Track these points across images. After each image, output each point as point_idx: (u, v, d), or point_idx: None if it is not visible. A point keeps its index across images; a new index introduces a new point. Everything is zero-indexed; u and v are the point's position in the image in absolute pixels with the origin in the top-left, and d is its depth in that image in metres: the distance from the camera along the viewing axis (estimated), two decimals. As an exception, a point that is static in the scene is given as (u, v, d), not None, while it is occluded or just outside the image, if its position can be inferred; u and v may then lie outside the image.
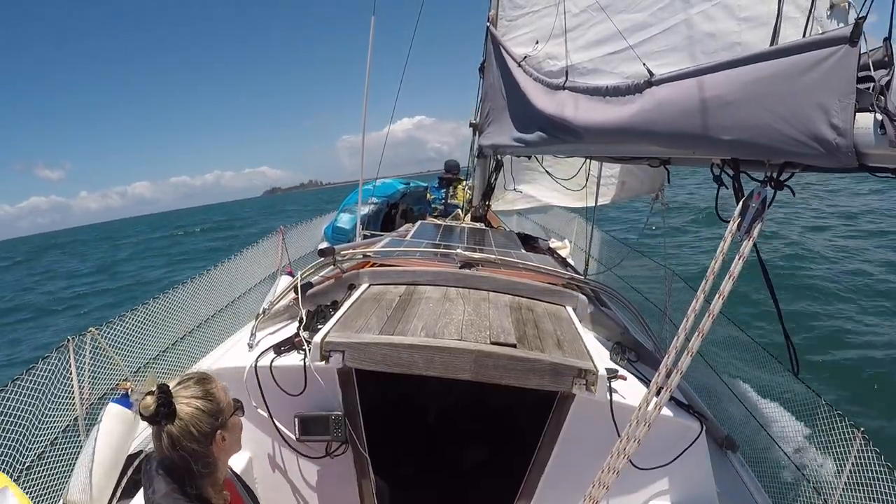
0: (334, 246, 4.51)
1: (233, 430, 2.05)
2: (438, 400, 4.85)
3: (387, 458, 3.40)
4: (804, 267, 15.61)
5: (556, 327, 3.42)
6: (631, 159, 4.12)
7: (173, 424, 1.87)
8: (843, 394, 8.75)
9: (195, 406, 1.91)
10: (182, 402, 1.89)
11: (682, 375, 2.38)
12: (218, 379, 3.07)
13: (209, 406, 1.94)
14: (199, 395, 1.94)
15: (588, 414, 2.93)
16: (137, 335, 4.66)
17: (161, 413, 1.84)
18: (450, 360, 2.84)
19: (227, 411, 2.02)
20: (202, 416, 1.91)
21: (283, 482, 3.20)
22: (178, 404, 1.88)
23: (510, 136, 5.15)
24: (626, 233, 11.86)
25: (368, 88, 7.33)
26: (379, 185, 10.52)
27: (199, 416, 1.90)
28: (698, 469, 3.02)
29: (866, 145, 1.79)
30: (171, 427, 1.87)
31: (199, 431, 1.89)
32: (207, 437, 1.92)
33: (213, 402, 1.96)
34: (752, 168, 2.41)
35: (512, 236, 7.03)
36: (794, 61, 1.94)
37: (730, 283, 2.27)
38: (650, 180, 7.84)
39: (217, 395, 1.99)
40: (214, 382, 2.03)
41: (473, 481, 4.25)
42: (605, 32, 4.07)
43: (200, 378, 2.01)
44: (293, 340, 3.16)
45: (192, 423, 1.88)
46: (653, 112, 2.69)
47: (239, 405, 2.12)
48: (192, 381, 1.98)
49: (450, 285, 3.95)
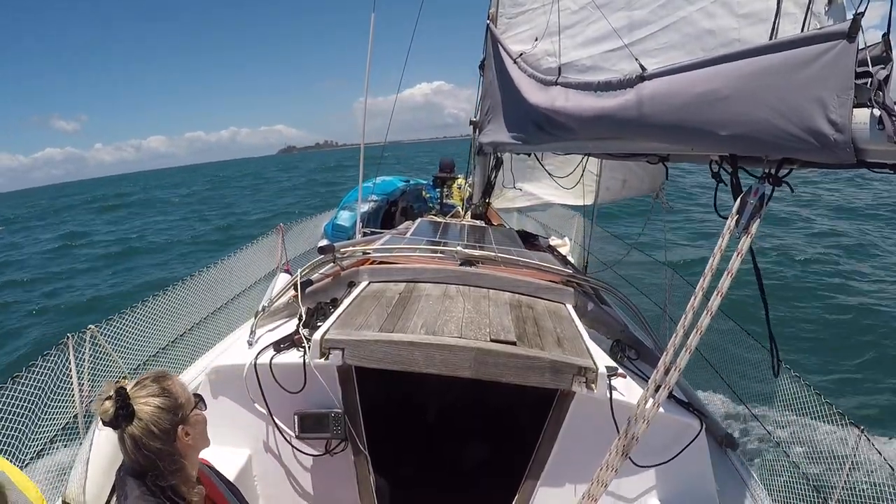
0: (334, 243, 4.51)
1: (195, 424, 2.04)
2: (438, 398, 4.85)
3: (386, 455, 3.40)
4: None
5: (555, 325, 3.41)
6: (629, 156, 4.11)
7: (134, 425, 1.87)
8: (843, 391, 8.77)
9: (153, 405, 1.91)
10: (140, 403, 1.90)
11: (680, 373, 2.38)
12: (217, 376, 3.09)
13: (167, 402, 1.94)
14: (156, 392, 1.94)
15: (588, 412, 2.93)
16: (137, 333, 4.67)
17: (120, 416, 1.85)
18: (450, 358, 2.84)
19: (186, 406, 2.01)
20: (161, 413, 1.91)
21: (282, 480, 3.20)
22: (137, 405, 1.89)
23: (509, 133, 5.15)
24: (626, 231, 11.84)
25: (368, 84, 7.34)
26: (379, 182, 10.52)
27: (157, 413, 1.90)
28: (698, 467, 3.02)
29: (864, 141, 1.79)
30: (132, 428, 1.87)
31: (159, 429, 1.90)
32: (169, 434, 1.92)
33: (171, 398, 1.96)
34: (751, 164, 2.41)
35: (512, 234, 7.03)
36: (792, 56, 1.93)
37: (728, 280, 2.27)
38: (650, 178, 7.84)
39: (174, 392, 1.99)
40: (171, 379, 2.04)
41: (473, 479, 4.25)
42: (605, 30, 4.06)
43: (157, 376, 2.01)
44: (293, 338, 3.16)
45: (152, 421, 1.89)
46: (646, 106, 2.69)
47: (199, 399, 2.12)
48: (148, 379, 1.98)
49: (450, 283, 3.95)
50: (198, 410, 2.08)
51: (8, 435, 3.31)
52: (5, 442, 3.29)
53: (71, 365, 3.74)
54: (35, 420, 3.48)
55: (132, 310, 4.68)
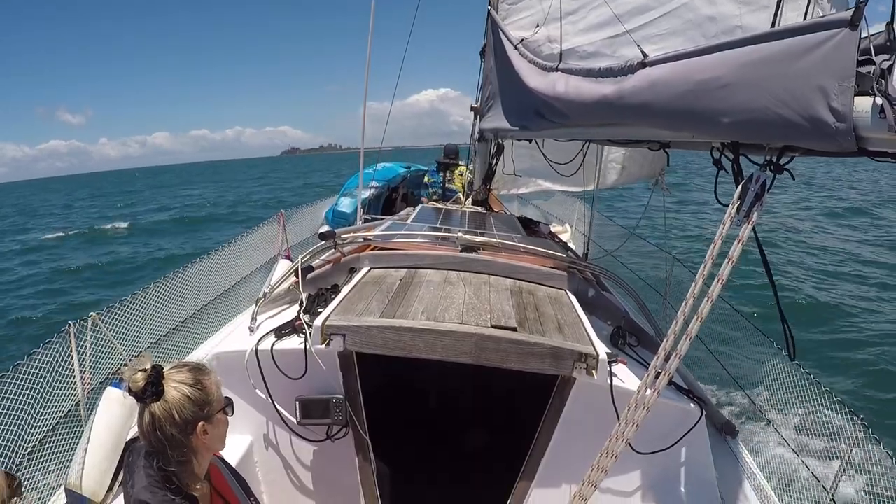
0: (335, 230, 4.51)
1: (217, 425, 2.02)
2: (439, 384, 4.86)
3: (388, 441, 3.41)
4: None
5: (556, 311, 3.42)
6: (630, 142, 4.10)
7: (158, 405, 1.86)
8: (844, 381, 8.79)
9: (183, 392, 1.90)
10: (171, 385, 1.89)
11: (680, 359, 2.38)
12: (219, 363, 3.09)
13: (197, 395, 1.93)
14: (190, 382, 1.93)
15: (588, 398, 2.94)
16: (138, 320, 4.67)
17: (149, 391, 1.84)
18: (451, 344, 2.85)
19: (215, 405, 2.00)
20: (188, 402, 1.90)
21: (283, 465, 3.21)
22: (167, 386, 1.88)
23: (509, 119, 5.13)
24: (626, 217, 11.84)
25: (368, 79, 7.32)
26: (380, 168, 10.51)
27: (184, 402, 1.89)
28: (698, 454, 3.03)
29: (865, 129, 1.77)
30: (155, 407, 1.86)
31: (181, 418, 1.88)
32: (188, 426, 1.91)
33: (203, 392, 1.95)
34: (752, 151, 2.40)
35: (513, 220, 7.02)
36: (793, 43, 1.92)
37: (729, 266, 2.27)
38: (650, 165, 7.84)
39: (208, 387, 1.98)
40: (210, 375, 2.03)
41: (474, 465, 4.27)
42: (607, 15, 4.04)
43: (196, 367, 2.01)
44: (294, 324, 3.16)
45: (177, 407, 1.88)
46: (646, 92, 2.68)
47: (228, 403, 2.10)
48: (186, 367, 1.98)
49: (451, 269, 3.95)
50: (223, 414, 2.07)
51: (11, 423, 3.32)
52: (9, 430, 3.30)
53: (72, 352, 3.74)
54: (38, 407, 3.49)
55: (133, 297, 4.68)
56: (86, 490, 2.69)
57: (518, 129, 4.96)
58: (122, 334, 4.36)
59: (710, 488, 3.04)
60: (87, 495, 2.69)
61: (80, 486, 2.69)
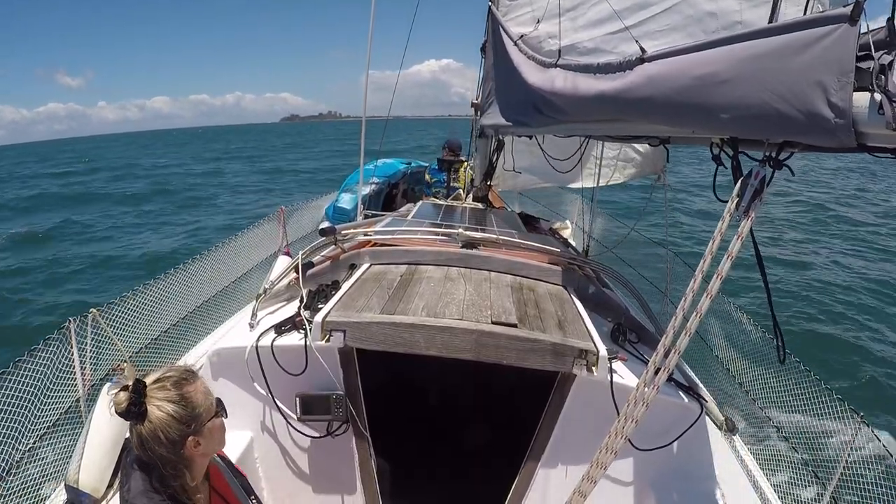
0: (335, 226, 4.51)
1: (209, 434, 1.95)
2: (439, 380, 4.86)
3: (387, 437, 3.42)
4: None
5: (557, 308, 3.42)
6: (630, 138, 4.09)
7: (143, 426, 1.81)
8: (844, 381, 8.79)
9: (166, 411, 1.83)
10: (154, 405, 1.82)
11: (679, 356, 2.38)
12: (219, 359, 3.09)
13: (182, 413, 1.86)
14: (173, 399, 1.85)
15: (588, 394, 2.94)
16: (139, 316, 4.66)
17: (131, 412, 1.79)
18: (451, 340, 2.86)
19: (203, 417, 1.92)
20: (172, 422, 1.83)
21: (283, 461, 3.22)
22: (150, 406, 1.82)
23: (509, 115, 5.12)
24: (627, 214, 11.81)
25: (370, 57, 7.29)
26: (380, 164, 10.46)
27: (168, 422, 1.83)
28: (698, 451, 3.03)
29: (864, 125, 1.77)
30: (140, 428, 1.81)
31: (167, 438, 1.83)
32: (176, 445, 1.85)
33: (188, 407, 1.87)
34: (752, 147, 2.39)
35: (513, 217, 7.02)
36: (793, 39, 1.92)
37: (728, 262, 2.26)
38: (651, 161, 7.82)
39: (193, 400, 1.90)
40: (195, 384, 1.94)
41: (474, 461, 4.28)
42: (606, 12, 4.02)
43: (179, 379, 1.91)
44: (294, 320, 3.17)
45: (162, 428, 1.82)
46: (645, 88, 2.67)
47: (220, 406, 2.03)
48: (170, 380, 1.89)
49: (451, 265, 3.96)
50: (215, 419, 1.99)
51: (11, 419, 3.32)
52: (9, 426, 3.30)
53: (73, 348, 3.74)
54: (38, 403, 3.49)
55: (133, 293, 4.68)
56: (85, 486, 2.70)
57: (517, 125, 4.96)
58: (122, 330, 4.35)
59: (710, 485, 3.05)
60: (87, 491, 2.70)
61: (78, 481, 2.70)
